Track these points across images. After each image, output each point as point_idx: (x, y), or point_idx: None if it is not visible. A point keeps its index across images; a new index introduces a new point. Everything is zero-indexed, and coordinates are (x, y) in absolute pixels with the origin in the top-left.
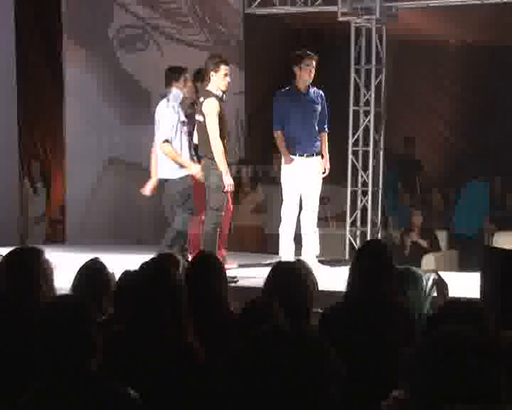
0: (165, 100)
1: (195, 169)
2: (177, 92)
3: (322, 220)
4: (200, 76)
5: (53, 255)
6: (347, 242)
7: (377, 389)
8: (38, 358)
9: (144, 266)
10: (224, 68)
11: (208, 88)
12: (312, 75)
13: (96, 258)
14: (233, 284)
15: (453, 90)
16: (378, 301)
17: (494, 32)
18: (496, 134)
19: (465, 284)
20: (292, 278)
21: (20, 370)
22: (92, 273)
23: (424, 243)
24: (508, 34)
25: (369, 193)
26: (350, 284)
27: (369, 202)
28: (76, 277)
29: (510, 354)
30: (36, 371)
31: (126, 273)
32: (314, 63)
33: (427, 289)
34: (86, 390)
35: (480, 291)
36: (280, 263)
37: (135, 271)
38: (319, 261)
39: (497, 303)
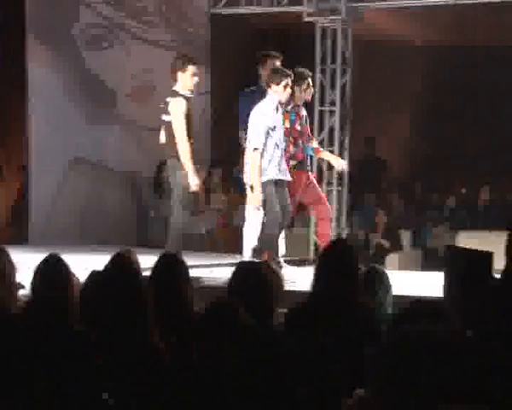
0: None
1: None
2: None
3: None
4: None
5: (15, 256)
6: (312, 242)
7: (342, 388)
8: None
9: (109, 266)
10: (191, 68)
11: (175, 88)
12: None
13: (54, 254)
14: (199, 285)
15: (418, 91)
16: (343, 300)
17: (458, 33)
18: (461, 134)
19: (429, 284)
20: (256, 277)
21: None
22: (51, 270)
23: (386, 244)
24: (471, 35)
25: (334, 192)
26: (315, 284)
27: (334, 202)
28: (34, 275)
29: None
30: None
31: (93, 274)
32: (279, 63)
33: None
34: None
35: (444, 290)
36: (244, 263)
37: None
38: (285, 261)
39: (459, 302)
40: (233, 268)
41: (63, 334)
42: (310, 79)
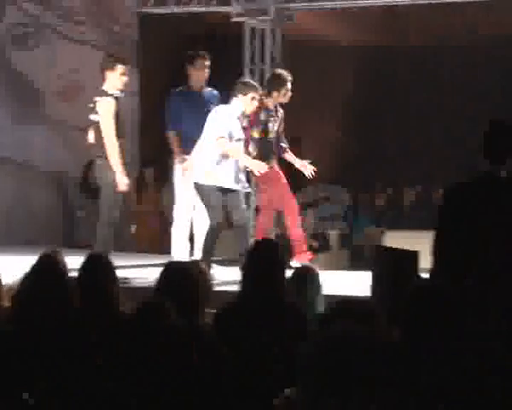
0: None
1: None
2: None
3: None
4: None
5: None
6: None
7: (270, 388)
8: None
9: (36, 267)
10: (120, 67)
11: (104, 87)
12: (206, 75)
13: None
14: (125, 285)
15: (344, 91)
16: (270, 300)
17: (384, 34)
18: (386, 134)
19: (356, 283)
20: (184, 277)
21: None
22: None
23: (314, 243)
24: (397, 35)
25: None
26: (243, 283)
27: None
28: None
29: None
30: None
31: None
32: (207, 63)
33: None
34: None
35: (371, 290)
36: (172, 263)
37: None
38: (213, 261)
39: (386, 301)
40: (155, 268)
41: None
42: (289, 84)
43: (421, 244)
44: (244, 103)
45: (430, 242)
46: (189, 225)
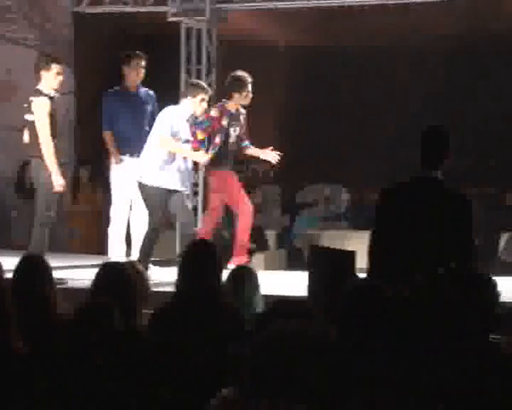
0: None
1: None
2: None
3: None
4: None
5: None
6: (178, 242)
7: (208, 388)
8: None
9: None
10: (55, 67)
11: (39, 87)
12: (141, 75)
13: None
14: (62, 286)
15: (281, 92)
16: (206, 300)
17: (320, 34)
18: (324, 135)
19: (294, 283)
20: (120, 278)
21: None
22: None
23: (252, 245)
24: (333, 36)
25: (200, 193)
26: (178, 284)
27: (200, 202)
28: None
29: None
30: None
31: None
32: (143, 63)
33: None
34: None
35: (308, 290)
36: (108, 263)
37: None
38: (151, 262)
39: (322, 300)
40: (92, 269)
41: None
42: (250, 86)
43: (357, 244)
44: (193, 105)
45: (366, 242)
46: (125, 226)
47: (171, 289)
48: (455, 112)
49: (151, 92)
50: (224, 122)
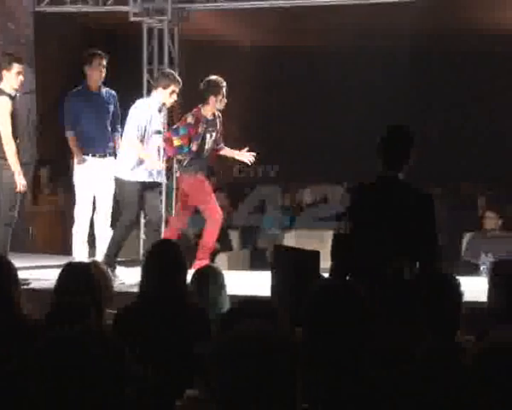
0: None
1: None
2: None
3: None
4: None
5: None
6: (141, 243)
7: (172, 388)
8: None
9: None
10: (16, 67)
11: (0, 86)
12: (103, 75)
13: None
14: (25, 287)
15: (245, 92)
16: (170, 300)
17: (284, 34)
18: (288, 134)
19: (257, 283)
20: (83, 277)
21: None
22: None
23: (216, 245)
24: (298, 36)
25: (163, 193)
26: (142, 284)
27: (163, 204)
28: None
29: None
30: None
31: None
32: (104, 63)
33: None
34: None
35: (271, 289)
36: (71, 263)
37: None
38: (116, 262)
39: (287, 300)
40: (57, 270)
41: None
42: (224, 90)
43: (321, 243)
44: (163, 96)
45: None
46: (88, 226)
47: (136, 289)
48: (422, 111)
49: (113, 92)
50: (200, 129)
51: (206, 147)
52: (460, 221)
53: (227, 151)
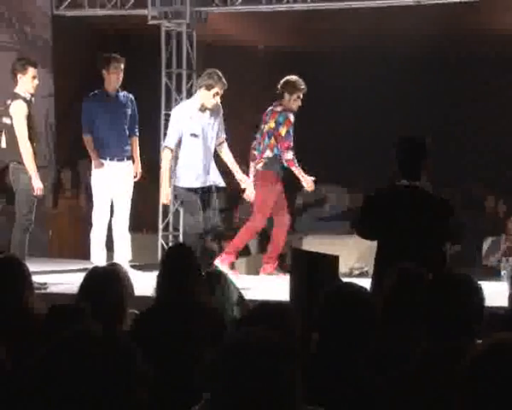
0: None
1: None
2: None
3: (136, 225)
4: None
5: None
6: (160, 247)
7: (188, 392)
8: None
9: None
10: (31, 70)
11: (16, 90)
12: (121, 78)
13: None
14: (43, 291)
15: (259, 95)
16: (185, 303)
17: (300, 38)
18: (304, 135)
19: (275, 287)
20: (107, 282)
21: None
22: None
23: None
24: (313, 40)
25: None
26: (158, 288)
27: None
28: None
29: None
30: None
31: None
32: (122, 66)
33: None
34: None
35: (290, 292)
36: (95, 268)
37: None
38: (131, 266)
39: (304, 303)
40: (82, 274)
41: None
42: (302, 94)
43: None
44: (205, 97)
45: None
46: (106, 230)
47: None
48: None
49: (131, 95)
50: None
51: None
52: (481, 226)
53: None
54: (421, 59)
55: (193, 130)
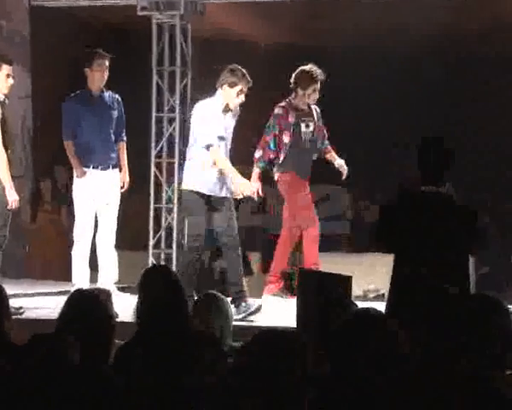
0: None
1: None
2: None
3: (123, 242)
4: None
5: None
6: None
7: None
8: None
9: None
10: (5, 68)
11: None
12: (105, 76)
13: None
14: (18, 316)
15: (261, 94)
16: (170, 330)
17: (301, 33)
18: None
19: (279, 311)
20: (90, 308)
21: None
22: None
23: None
24: (314, 34)
25: (175, 211)
26: (139, 314)
27: (175, 221)
28: None
29: None
30: None
31: None
32: (107, 63)
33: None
34: None
35: (296, 318)
36: (77, 292)
37: None
38: (118, 288)
39: (313, 331)
40: (62, 297)
41: None
42: (318, 85)
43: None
44: (229, 96)
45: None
46: (89, 247)
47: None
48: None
49: (117, 96)
50: (291, 119)
51: (304, 138)
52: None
53: (332, 154)
54: (421, 59)
55: (221, 132)
